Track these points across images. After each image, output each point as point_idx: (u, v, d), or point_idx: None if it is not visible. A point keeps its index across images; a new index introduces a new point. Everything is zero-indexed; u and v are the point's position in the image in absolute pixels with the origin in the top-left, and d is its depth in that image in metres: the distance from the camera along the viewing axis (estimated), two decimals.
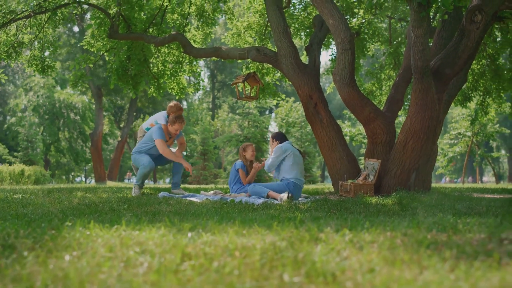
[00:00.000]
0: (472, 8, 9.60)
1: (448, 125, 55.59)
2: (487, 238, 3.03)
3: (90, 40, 16.17)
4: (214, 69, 73.96)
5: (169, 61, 17.09)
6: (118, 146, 47.19)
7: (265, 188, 9.24)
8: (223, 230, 3.62)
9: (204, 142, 45.25)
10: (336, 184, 11.24)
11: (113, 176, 45.50)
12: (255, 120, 41.03)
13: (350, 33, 10.68)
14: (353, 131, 35.92)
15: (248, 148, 10.45)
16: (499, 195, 10.72)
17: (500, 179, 77.11)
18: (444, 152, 43.06)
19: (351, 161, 11.34)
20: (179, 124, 10.45)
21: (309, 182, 39.24)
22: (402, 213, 6.24)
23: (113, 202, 7.80)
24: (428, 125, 9.88)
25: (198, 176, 43.10)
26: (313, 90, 11.54)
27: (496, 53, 16.54)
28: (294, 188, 9.25)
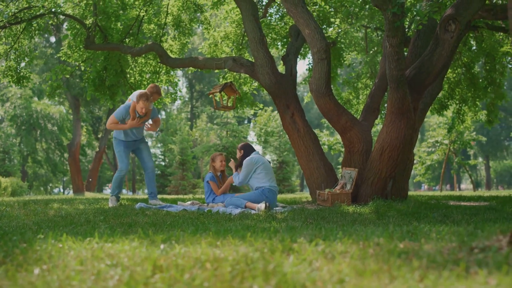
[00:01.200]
0: (445, 18, 9.69)
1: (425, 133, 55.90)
2: (457, 247, 3.05)
3: (66, 50, 16.09)
4: (193, 78, 73.85)
5: (146, 71, 17.05)
6: (96, 157, 46.94)
7: (243, 200, 9.21)
8: (197, 242, 3.61)
9: (183, 152, 45.11)
10: (314, 193, 11.26)
11: (91, 187, 45.23)
12: (233, 130, 41.05)
13: (326, 42, 10.73)
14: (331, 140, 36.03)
15: (216, 158, 10.45)
16: (475, 203, 10.81)
17: (478, 187, 77.72)
18: (422, 160, 43.29)
19: (328, 170, 11.37)
20: (143, 102, 9.96)
21: (288, 191, 39.26)
22: (378, 222, 6.27)
23: (89, 214, 7.75)
24: (404, 133, 9.94)
25: (176, 186, 42.95)
26: (290, 100, 11.58)
27: (471, 62, 16.69)
28: (270, 194, 9.27)
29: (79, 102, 41.88)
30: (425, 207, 8.71)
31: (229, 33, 17.21)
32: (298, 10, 10.87)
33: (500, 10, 11.64)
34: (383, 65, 12.03)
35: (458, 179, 70.38)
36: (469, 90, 17.12)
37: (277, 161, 42.35)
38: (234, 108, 13.08)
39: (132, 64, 16.79)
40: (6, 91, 50.23)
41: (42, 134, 50.12)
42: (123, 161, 10.26)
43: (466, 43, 16.14)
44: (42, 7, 14.24)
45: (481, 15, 11.95)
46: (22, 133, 49.47)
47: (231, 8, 16.88)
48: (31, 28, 15.21)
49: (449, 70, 16.49)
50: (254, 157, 9.55)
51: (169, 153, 55.11)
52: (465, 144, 38.27)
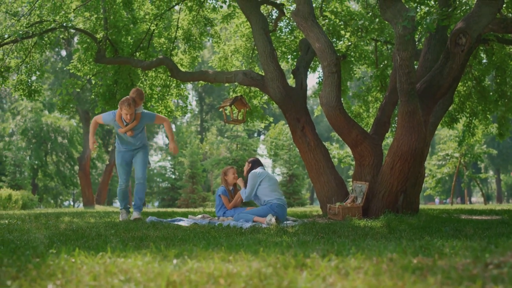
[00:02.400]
0: (456, 31, 9.67)
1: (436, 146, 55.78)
2: (472, 263, 3.03)
3: (77, 64, 16.18)
4: (202, 92, 74.03)
5: (156, 85, 17.11)
6: (106, 170, 47.04)
7: (250, 215, 9.17)
8: (209, 257, 3.60)
9: (193, 165, 45.19)
10: (324, 207, 11.23)
11: (101, 200, 45.30)
12: (243, 143, 41.06)
13: (336, 56, 10.74)
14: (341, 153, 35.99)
15: (229, 172, 10.40)
16: (487, 217, 10.75)
17: (489, 200, 77.37)
18: (432, 173, 43.17)
19: (338, 184, 11.34)
20: (125, 109, 9.37)
21: (298, 205, 39.20)
22: (389, 236, 6.23)
23: (100, 227, 7.74)
24: (415, 147, 9.91)
25: (186, 200, 43.00)
26: (300, 113, 11.58)
27: (482, 75, 16.67)
28: (278, 208, 9.18)
29: (89, 115, 42.02)
30: (437, 221, 8.66)
31: (239, 47, 17.27)
32: (308, 24, 10.90)
33: (510, 23, 11.63)
34: (394, 78, 12.01)
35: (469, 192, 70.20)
36: (479, 103, 17.08)
37: (287, 174, 42.34)
38: (244, 121, 13.10)
39: (143, 77, 16.85)
40: (17, 105, 50.45)
41: (52, 147, 50.29)
42: (121, 176, 10.15)
43: (476, 56, 16.12)
44: (54, 21, 14.32)
45: (491, 28, 11.94)
46: (33, 146, 49.63)
47: (241, 21, 16.95)
48: (43, 42, 15.30)
49: (460, 83, 16.47)
50: (257, 171, 9.52)
51: (179, 166, 55.16)
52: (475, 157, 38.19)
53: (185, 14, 16.50)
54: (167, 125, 10.20)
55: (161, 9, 15.94)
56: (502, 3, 9.99)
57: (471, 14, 9.74)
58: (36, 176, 51.72)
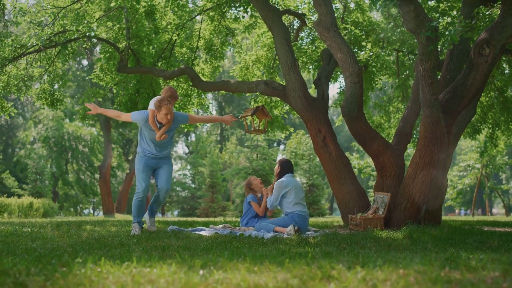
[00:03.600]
0: (480, 42, 9.63)
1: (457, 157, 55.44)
2: (501, 276, 3.00)
3: (99, 73, 16.29)
4: (222, 101, 74.21)
5: (178, 94, 17.17)
6: (127, 178, 47.23)
7: (271, 225, 9.13)
8: (235, 267, 3.60)
9: (213, 174, 45.22)
10: (346, 217, 11.20)
11: (121, 208, 45.47)
12: (263, 153, 41.04)
13: (358, 66, 10.73)
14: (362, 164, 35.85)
15: (252, 181, 10.32)
16: (510, 229, 10.65)
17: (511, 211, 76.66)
18: (454, 184, 42.90)
19: (360, 194, 11.30)
20: (166, 108, 8.58)
21: (318, 215, 39.08)
22: (412, 247, 6.19)
23: (122, 236, 7.77)
24: (438, 158, 9.85)
25: (206, 209, 43.04)
26: (322, 124, 11.55)
27: (504, 86, 16.58)
28: (299, 220, 9.12)
29: (110, 124, 42.25)
30: (460, 233, 8.59)
31: (260, 57, 17.30)
32: (330, 34, 10.91)
33: None
34: (416, 89, 11.96)
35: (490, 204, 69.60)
36: (502, 114, 16.98)
37: (307, 184, 42.22)
38: (265, 131, 13.10)
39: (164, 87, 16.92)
40: (38, 113, 50.85)
41: (73, 156, 50.66)
42: (141, 182, 8.87)
43: (499, 67, 16.03)
44: (77, 31, 14.45)
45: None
46: (54, 155, 49.97)
47: (263, 31, 17.00)
48: (65, 51, 15.44)
49: (482, 94, 16.37)
50: (284, 180, 9.41)
51: (199, 176, 55.20)
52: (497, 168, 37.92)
53: (207, 24, 16.57)
54: (199, 117, 9.96)
55: (183, 19, 16.03)
56: None
57: (495, 25, 9.70)
58: (57, 184, 52.03)
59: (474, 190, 41.17)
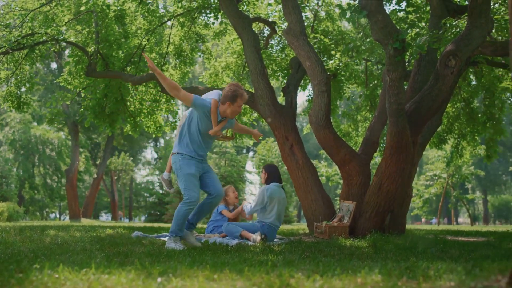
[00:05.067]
0: (446, 53, 9.74)
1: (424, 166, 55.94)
2: (456, 286, 3.04)
3: (67, 77, 16.14)
4: None
5: (147, 100, 17.10)
6: (94, 183, 46.85)
7: (239, 228, 9.14)
8: (194, 275, 3.59)
9: None
10: (311, 225, 11.21)
11: (88, 213, 45.08)
12: (231, 159, 41.02)
13: (326, 75, 10.79)
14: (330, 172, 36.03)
15: (228, 191, 10.25)
16: (473, 238, 10.76)
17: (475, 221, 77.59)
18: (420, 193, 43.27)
19: (326, 203, 11.33)
20: (241, 101, 7.69)
21: (285, 222, 39.13)
22: (375, 256, 6.23)
23: (86, 242, 7.70)
24: (403, 167, 9.93)
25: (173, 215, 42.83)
26: (289, 131, 11.58)
27: (471, 97, 16.77)
28: (268, 230, 9.14)
29: (78, 128, 41.89)
30: (423, 242, 8.66)
31: (230, 63, 17.31)
32: (299, 42, 10.95)
33: (500, 46, 11.72)
34: (383, 98, 12.05)
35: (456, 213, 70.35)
36: (468, 125, 17.17)
37: None
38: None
39: (133, 92, 16.84)
40: (6, 116, 50.25)
41: (40, 159, 50.07)
42: (193, 190, 7.46)
43: (465, 78, 16.22)
44: (45, 34, 14.33)
45: (481, 51, 12.02)
46: (20, 158, 49.40)
47: (233, 38, 17.02)
48: (33, 54, 15.29)
49: (449, 105, 16.55)
50: (271, 191, 9.37)
51: None
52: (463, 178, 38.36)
53: (177, 29, 16.54)
54: (238, 125, 8.84)
55: (153, 24, 15.97)
56: (492, 26, 10.07)
57: (461, 37, 9.81)
58: (23, 188, 51.42)
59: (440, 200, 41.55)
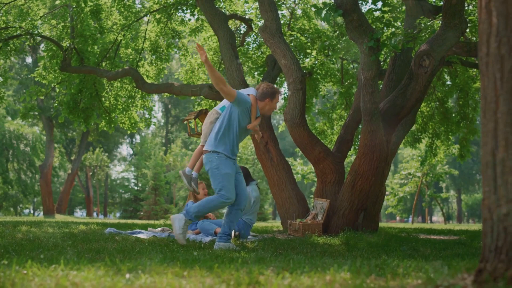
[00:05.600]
0: (420, 53, 9.82)
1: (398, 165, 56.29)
2: (423, 284, 3.06)
3: (41, 71, 16.02)
4: (169, 103, 73.79)
5: (122, 96, 17.02)
6: (68, 179, 46.50)
7: (214, 225, 9.15)
8: (163, 272, 3.58)
9: (156, 177, 44.93)
10: (285, 222, 11.24)
11: (62, 209, 44.75)
12: None
13: (301, 73, 10.80)
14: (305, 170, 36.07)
15: (198, 187, 10.25)
16: (445, 237, 10.86)
17: (449, 219, 78.30)
18: (394, 192, 43.52)
19: (300, 200, 11.37)
20: (278, 99, 7.53)
21: (260, 220, 39.18)
22: (347, 254, 6.27)
23: (58, 238, 7.65)
24: (377, 166, 10.00)
25: (149, 211, 42.72)
26: (264, 129, 11.59)
27: (445, 97, 16.90)
28: (243, 227, 9.16)
29: (52, 123, 41.54)
30: (395, 240, 8.73)
31: None
32: (275, 40, 10.95)
33: (474, 47, 11.83)
34: (358, 97, 12.10)
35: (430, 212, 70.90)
36: (442, 124, 17.30)
37: None
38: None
39: (108, 87, 16.76)
40: None
41: (14, 154, 49.54)
42: (232, 190, 7.12)
43: (440, 78, 16.35)
44: (19, 28, 14.21)
45: (455, 51, 12.13)
46: None
47: (209, 35, 16.99)
48: (8, 48, 15.16)
49: (423, 104, 16.67)
50: (254, 189, 9.39)
51: (142, 178, 54.78)
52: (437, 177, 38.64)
53: (153, 25, 16.46)
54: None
55: (129, 20, 15.89)
56: (466, 27, 10.16)
57: (435, 37, 9.89)
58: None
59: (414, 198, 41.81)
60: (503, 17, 3.13)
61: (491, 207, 3.07)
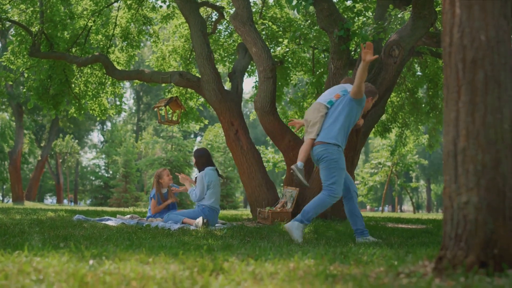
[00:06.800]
0: (389, 43, 9.87)
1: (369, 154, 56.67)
2: (384, 272, 3.10)
3: (10, 57, 15.81)
4: (140, 90, 73.42)
5: (92, 82, 16.88)
6: (38, 165, 46.09)
7: (180, 216, 9.13)
8: (128, 258, 3.58)
9: (127, 164, 44.77)
10: (255, 210, 11.28)
11: (31, 196, 44.38)
12: (178, 144, 40.90)
13: (272, 62, 10.82)
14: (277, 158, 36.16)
15: (163, 174, 10.20)
16: (413, 226, 10.97)
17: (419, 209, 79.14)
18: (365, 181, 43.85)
19: (270, 189, 11.40)
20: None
21: (231, 208, 39.25)
22: (315, 242, 6.30)
23: (25, 224, 7.60)
24: (346, 155, 10.03)
25: (119, 199, 42.55)
26: (235, 117, 11.60)
27: (415, 87, 17.05)
28: (210, 213, 9.16)
29: (22, 109, 41.07)
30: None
31: (177, 48, 17.20)
32: (246, 28, 10.95)
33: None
34: (328, 86, 12.14)
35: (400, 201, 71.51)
36: (411, 114, 17.45)
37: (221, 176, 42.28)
38: (178, 122, 13.07)
39: (78, 74, 16.61)
40: None
41: None
42: (341, 185, 6.94)
43: (410, 69, 16.48)
44: None
45: (425, 42, 12.23)
46: None
47: (180, 22, 16.90)
48: None
49: (393, 94, 16.80)
50: (208, 176, 9.41)
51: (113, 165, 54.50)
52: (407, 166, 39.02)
53: (124, 12, 16.33)
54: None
55: (100, 6, 15.75)
56: (435, 17, 10.23)
57: (405, 27, 9.96)
58: None
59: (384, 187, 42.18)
60: (466, 7, 3.17)
61: (451, 196, 3.12)
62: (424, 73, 16.61)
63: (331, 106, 7.27)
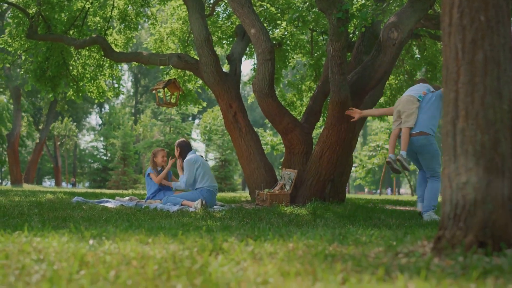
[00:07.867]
0: (388, 25, 9.86)
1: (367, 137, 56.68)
2: (383, 251, 3.12)
3: (7, 39, 15.75)
4: (138, 73, 73.25)
5: (90, 64, 16.82)
6: (36, 148, 46.07)
7: (179, 199, 9.16)
8: (127, 238, 3.60)
9: (125, 147, 44.75)
10: (253, 193, 11.30)
11: (29, 178, 44.39)
12: (176, 127, 40.90)
13: (270, 44, 10.79)
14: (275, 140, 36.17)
15: (158, 154, 10.31)
16: (411, 208, 11.00)
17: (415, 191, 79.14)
18: (363, 164, 43.88)
19: (268, 171, 11.43)
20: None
21: (229, 190, 39.30)
22: (314, 223, 6.32)
23: (24, 206, 7.62)
24: (344, 137, 10.06)
25: (117, 181, 42.58)
26: (233, 99, 11.59)
27: (414, 70, 17.01)
28: (207, 194, 9.22)
29: (20, 92, 40.96)
30: (362, 211, 8.83)
31: (176, 30, 17.13)
32: (244, 10, 10.90)
33: None
34: (326, 68, 12.14)
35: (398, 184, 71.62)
36: None
37: (219, 159, 42.34)
38: (176, 105, 13.05)
39: (75, 56, 16.55)
40: None
41: None
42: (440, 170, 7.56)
43: (409, 51, 16.44)
44: None
45: (423, 24, 12.19)
46: None
47: (178, 4, 16.82)
48: None
49: (392, 77, 16.77)
50: (192, 157, 9.46)
51: (111, 148, 54.47)
52: None
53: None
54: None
55: None
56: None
57: (404, 9, 9.94)
58: None
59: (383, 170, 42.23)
60: None
61: (450, 176, 3.12)
62: (423, 56, 16.57)
63: (422, 100, 8.01)
